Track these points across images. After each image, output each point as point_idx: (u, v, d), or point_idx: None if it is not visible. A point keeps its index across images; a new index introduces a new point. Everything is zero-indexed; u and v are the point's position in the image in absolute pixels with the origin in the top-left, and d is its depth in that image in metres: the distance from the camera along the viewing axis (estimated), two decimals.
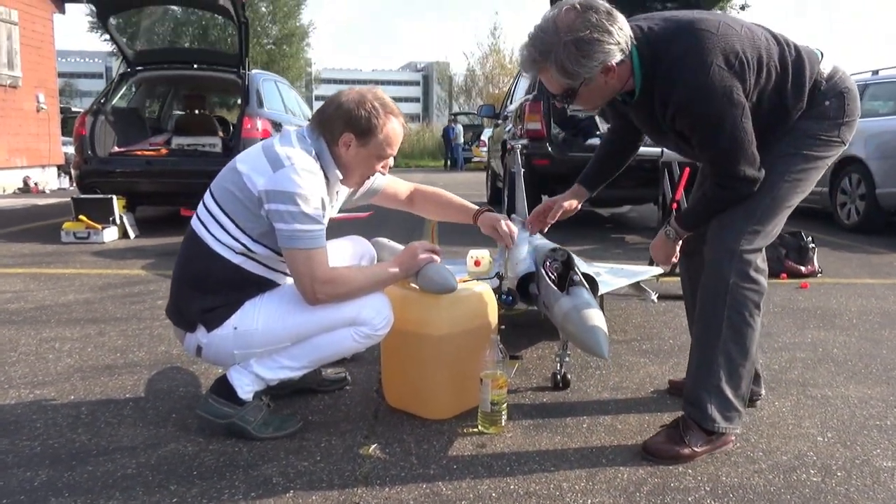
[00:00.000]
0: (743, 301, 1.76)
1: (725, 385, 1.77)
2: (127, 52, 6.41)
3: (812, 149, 1.80)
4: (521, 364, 2.53)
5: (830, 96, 1.80)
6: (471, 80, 33.07)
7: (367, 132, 1.82)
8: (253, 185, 1.74)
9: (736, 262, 1.75)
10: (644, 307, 3.46)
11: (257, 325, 1.80)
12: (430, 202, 2.29)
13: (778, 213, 1.80)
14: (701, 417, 1.79)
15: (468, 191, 11.61)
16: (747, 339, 1.77)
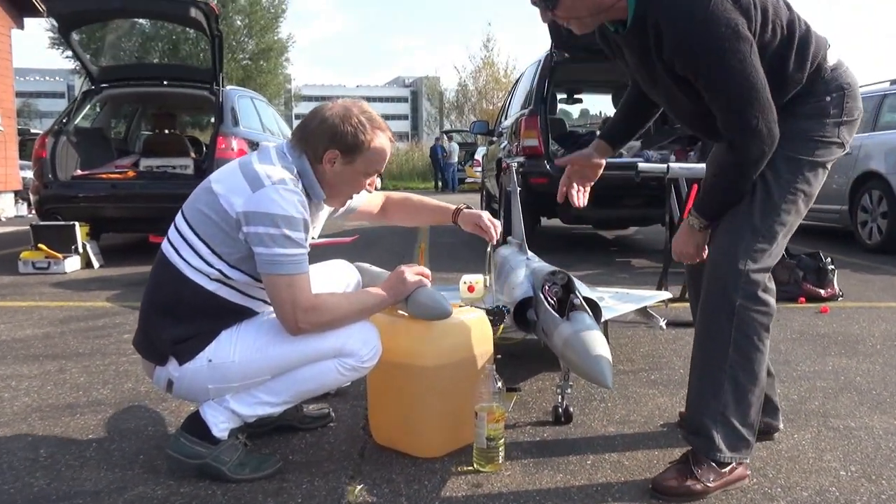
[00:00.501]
0: (751, 323, 1.78)
1: (732, 413, 1.79)
2: (91, 69, 6.47)
3: (813, 153, 1.81)
4: (520, 396, 2.54)
5: (832, 89, 1.81)
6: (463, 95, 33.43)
7: (354, 148, 1.85)
8: (230, 207, 1.76)
9: (742, 283, 1.77)
10: (652, 335, 3.49)
11: (234, 357, 1.81)
12: (403, 208, 2.35)
13: (784, 227, 1.82)
14: (705, 447, 1.80)
15: None
16: (756, 364, 1.79)
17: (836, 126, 1.83)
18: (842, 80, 1.83)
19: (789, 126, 1.79)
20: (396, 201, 2.35)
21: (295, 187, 1.78)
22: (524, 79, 7.54)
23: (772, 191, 1.79)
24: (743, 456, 1.83)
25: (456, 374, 2.00)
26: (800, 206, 1.83)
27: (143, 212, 5.88)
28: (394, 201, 2.35)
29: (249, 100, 7.18)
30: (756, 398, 1.81)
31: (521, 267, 2.74)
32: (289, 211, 1.73)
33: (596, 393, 2.61)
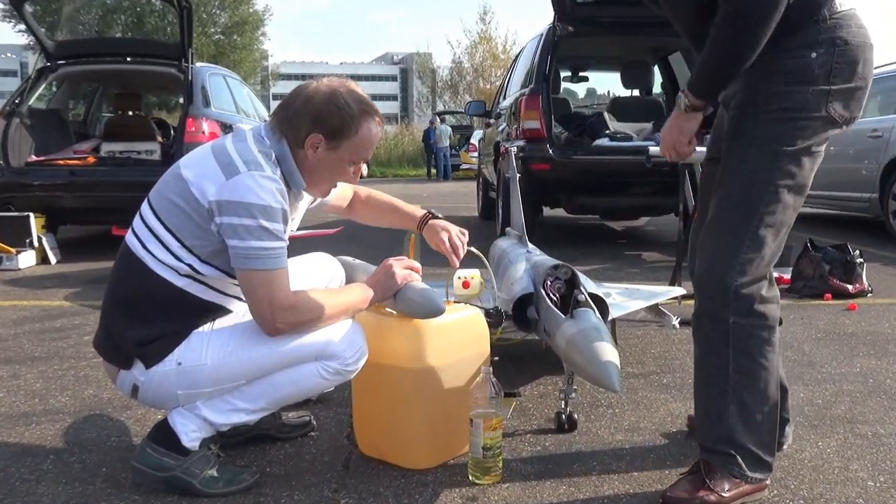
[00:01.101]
0: (749, 340, 1.77)
1: (743, 436, 1.80)
2: (46, 44, 6.43)
3: (792, 139, 1.71)
4: (519, 402, 2.55)
5: (821, 41, 1.68)
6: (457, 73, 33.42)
7: (339, 132, 1.85)
8: (202, 195, 1.75)
9: (733, 301, 1.75)
10: (664, 335, 3.50)
11: (205, 360, 1.81)
12: (368, 207, 2.36)
13: (772, 228, 1.76)
14: (722, 461, 1.81)
15: (456, 203, 11.67)
16: (761, 382, 1.79)
17: (823, 96, 1.70)
18: (837, 32, 1.69)
19: (766, 89, 1.72)
20: (362, 199, 2.35)
21: (273, 174, 1.78)
22: (525, 55, 7.54)
23: (749, 192, 1.75)
24: (762, 477, 1.84)
25: (449, 378, 2.01)
26: (787, 201, 1.75)
27: (104, 201, 5.86)
28: (359, 198, 2.35)
29: (222, 78, 7.16)
30: (768, 416, 1.82)
31: (521, 261, 2.75)
32: (266, 200, 1.73)
33: (602, 398, 2.62)
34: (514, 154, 3.75)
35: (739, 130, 1.80)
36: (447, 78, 36.23)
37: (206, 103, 6.26)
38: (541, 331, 2.32)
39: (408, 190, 15.95)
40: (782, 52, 1.72)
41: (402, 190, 15.83)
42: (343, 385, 2.04)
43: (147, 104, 9.09)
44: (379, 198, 2.36)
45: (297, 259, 2.19)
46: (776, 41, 1.69)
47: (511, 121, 6.66)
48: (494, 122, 8.14)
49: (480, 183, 9.25)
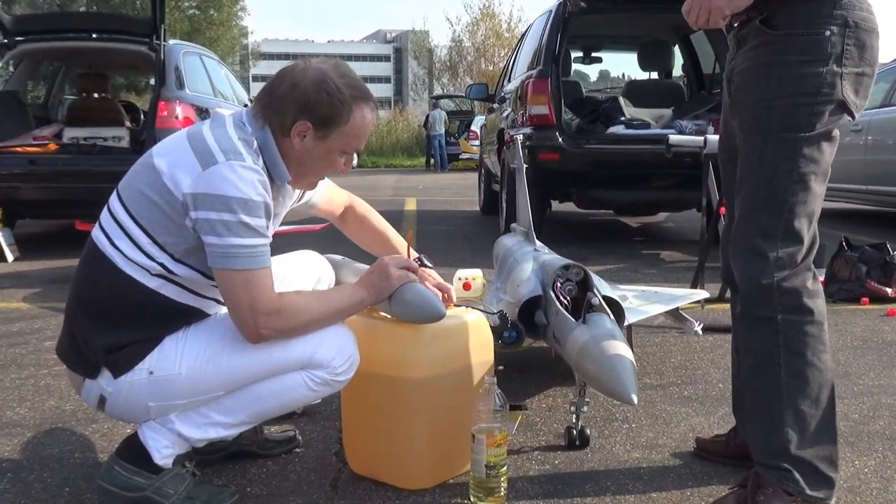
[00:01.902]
0: (798, 337, 1.80)
1: (800, 449, 1.80)
2: (3, 18, 6.42)
3: (810, 125, 1.77)
4: (526, 416, 2.55)
5: (835, 20, 1.74)
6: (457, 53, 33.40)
7: (329, 120, 1.84)
8: (175, 187, 1.75)
9: (776, 298, 1.80)
10: (685, 342, 3.50)
11: (180, 369, 1.81)
12: (359, 226, 2.35)
13: (803, 217, 1.81)
14: (779, 477, 1.81)
15: (455, 196, 11.68)
16: (815, 385, 1.81)
17: (835, 77, 1.76)
18: (851, 13, 1.76)
19: (778, 74, 1.77)
20: (357, 215, 2.33)
21: (255, 164, 1.77)
22: (532, 33, 7.54)
23: (774, 184, 1.80)
24: (824, 497, 1.83)
25: (449, 389, 2.01)
26: (815, 189, 1.81)
27: (67, 193, 5.85)
28: (355, 213, 2.33)
29: (197, 57, 7.16)
30: (826, 424, 1.83)
31: (528, 260, 2.75)
32: (247, 193, 1.73)
33: (618, 412, 2.63)
34: (520, 142, 3.74)
35: (754, 121, 1.84)
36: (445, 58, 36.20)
37: (180, 85, 6.26)
38: (550, 337, 2.32)
39: (402, 182, 15.95)
40: (796, 31, 1.77)
41: (395, 182, 15.86)
42: (331, 397, 2.04)
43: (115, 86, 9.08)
44: (373, 221, 2.33)
45: (281, 258, 2.19)
46: (788, 22, 1.76)
47: (516, 106, 6.65)
48: (498, 108, 8.13)
49: (482, 174, 9.25)
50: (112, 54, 7.03)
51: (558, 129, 5.99)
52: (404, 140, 26.65)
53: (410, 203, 10.57)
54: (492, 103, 8.78)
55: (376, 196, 11.57)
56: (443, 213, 9.38)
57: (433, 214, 9.24)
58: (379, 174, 18.99)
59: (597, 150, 6.18)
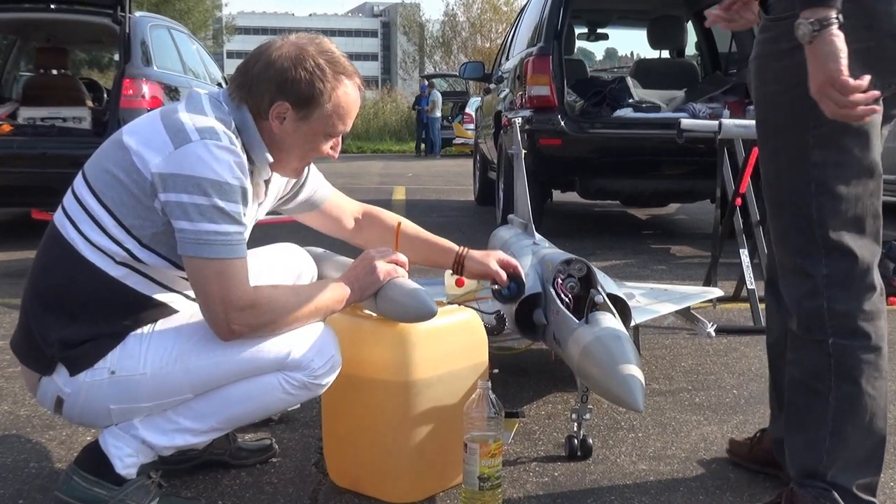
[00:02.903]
0: (851, 363, 1.76)
1: (841, 475, 1.79)
2: None
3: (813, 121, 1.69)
4: (523, 423, 2.56)
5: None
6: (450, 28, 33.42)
7: (309, 101, 1.84)
8: (145, 166, 1.75)
9: (827, 321, 1.76)
10: (696, 344, 3.52)
11: (145, 369, 1.81)
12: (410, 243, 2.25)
13: (843, 232, 1.74)
14: (817, 496, 1.80)
15: (448, 184, 11.68)
16: (867, 413, 1.79)
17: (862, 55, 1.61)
18: None
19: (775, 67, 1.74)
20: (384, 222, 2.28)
21: (232, 144, 1.77)
22: (532, 7, 7.54)
23: (795, 201, 1.75)
24: None
25: (440, 394, 2.01)
26: (843, 192, 1.73)
27: (22, 179, 5.82)
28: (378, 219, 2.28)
29: (166, 31, 7.12)
30: (873, 454, 1.82)
31: (527, 254, 2.75)
32: (222, 174, 1.73)
33: (623, 419, 2.64)
34: (519, 126, 3.74)
35: (763, 124, 1.81)
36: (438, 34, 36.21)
37: (147, 61, 6.23)
38: (550, 338, 2.32)
39: (389, 169, 15.95)
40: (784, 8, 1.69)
41: (382, 169, 15.85)
42: (311, 402, 2.04)
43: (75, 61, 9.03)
44: (418, 231, 2.29)
45: (258, 250, 2.18)
46: None
47: (515, 86, 6.66)
48: (495, 88, 8.13)
49: (478, 161, 9.26)
50: (72, 27, 6.99)
51: (560, 112, 5.99)
52: (392, 123, 26.63)
53: (399, 192, 10.57)
54: (488, 83, 8.77)
55: (361, 184, 11.57)
56: (434, 203, 9.38)
57: (423, 204, 9.24)
58: (364, 160, 18.99)
59: (602, 136, 6.18)
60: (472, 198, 9.46)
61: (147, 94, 5.91)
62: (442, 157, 20.37)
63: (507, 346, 3.03)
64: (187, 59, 7.32)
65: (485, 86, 9.36)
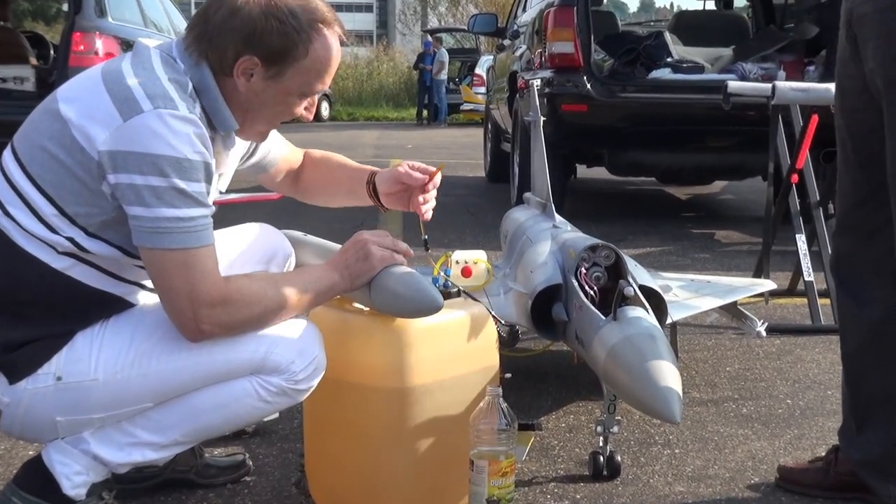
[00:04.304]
0: None
1: None
2: None
3: None
4: (539, 437, 2.56)
5: None
6: None
7: (282, 54, 1.83)
8: (89, 142, 1.73)
9: None
10: (744, 346, 3.52)
11: (96, 374, 1.81)
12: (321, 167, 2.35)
13: None
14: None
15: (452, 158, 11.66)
16: None
17: None
18: None
19: None
20: (314, 158, 2.36)
21: (191, 113, 1.76)
22: None
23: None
24: None
25: (442, 402, 2.01)
26: None
27: None
28: (312, 158, 2.36)
29: None
30: None
31: (546, 239, 2.74)
32: (181, 150, 1.72)
33: (657, 433, 2.64)
34: (538, 89, 3.73)
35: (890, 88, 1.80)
36: None
37: (101, 12, 6.22)
38: (572, 338, 2.32)
39: (386, 139, 15.95)
40: None
41: (377, 139, 15.85)
42: (291, 412, 2.04)
43: (17, 12, 9.01)
44: (336, 157, 2.36)
45: (225, 232, 2.18)
46: None
47: (533, 42, 6.64)
48: (510, 45, 8.11)
49: (489, 130, 9.24)
50: None
51: (586, 73, 5.97)
52: (389, 86, 26.62)
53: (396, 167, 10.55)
54: (502, 39, 8.76)
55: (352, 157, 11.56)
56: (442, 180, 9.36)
57: None
58: (356, 129, 18.99)
59: (635, 101, 6.17)
60: (482, 173, 9.46)
61: (101, 51, 5.90)
62: (448, 126, 20.36)
63: (522, 346, 3.03)
64: (148, 9, 7.31)
65: (498, 42, 9.34)
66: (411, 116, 22.61)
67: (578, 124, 6.01)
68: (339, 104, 24.16)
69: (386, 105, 25.21)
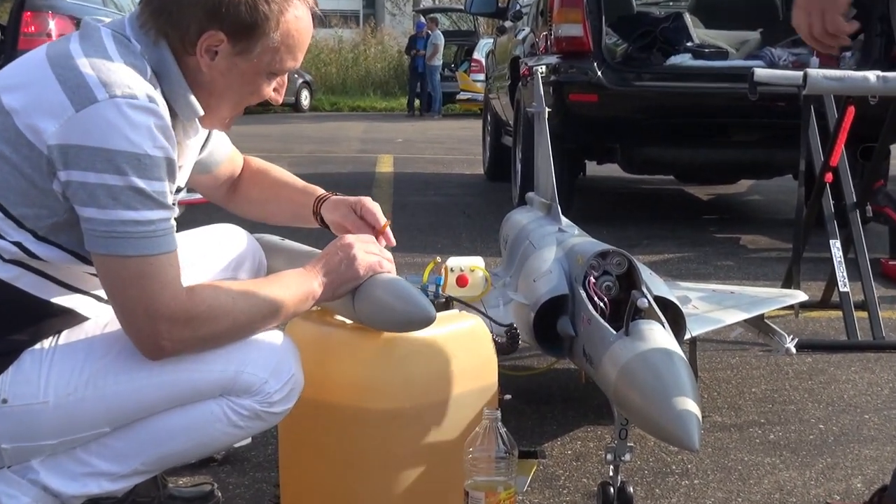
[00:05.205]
0: None
1: None
2: None
3: None
4: (543, 466, 2.56)
5: None
6: None
7: (251, 30, 1.82)
8: (36, 135, 1.72)
9: None
10: (772, 364, 3.52)
11: (46, 396, 1.80)
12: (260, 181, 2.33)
13: None
14: None
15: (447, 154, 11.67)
16: None
17: None
18: None
19: None
20: (255, 169, 2.34)
21: (151, 102, 1.75)
22: None
23: None
24: None
25: (434, 427, 2.01)
26: None
27: None
28: (252, 168, 2.34)
29: None
30: None
31: (550, 244, 2.74)
32: (140, 144, 1.71)
33: (674, 461, 2.64)
34: (543, 77, 3.73)
35: None
36: None
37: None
38: (579, 355, 2.32)
39: (373, 132, 15.94)
40: None
41: (363, 132, 15.84)
42: (265, 437, 2.04)
43: None
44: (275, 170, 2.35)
45: (188, 235, 2.17)
46: None
47: (538, 24, 6.65)
48: (511, 27, 8.12)
49: (488, 122, 9.25)
50: None
51: (597, 59, 5.98)
52: (378, 72, 26.62)
53: (385, 163, 10.57)
54: (503, 20, 8.77)
55: (335, 152, 11.59)
56: (431, 178, 9.39)
57: (417, 179, 9.24)
58: (340, 121, 18.99)
59: (651, 90, 6.17)
60: (480, 170, 9.46)
61: (54, 32, 5.91)
62: (442, 118, 20.37)
63: (524, 364, 3.04)
64: None
65: (498, 23, 9.34)
66: (402, 107, 22.62)
67: (588, 116, 6.01)
68: (321, 93, 24.17)
69: (373, 94, 25.20)
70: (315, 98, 22.93)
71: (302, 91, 21.76)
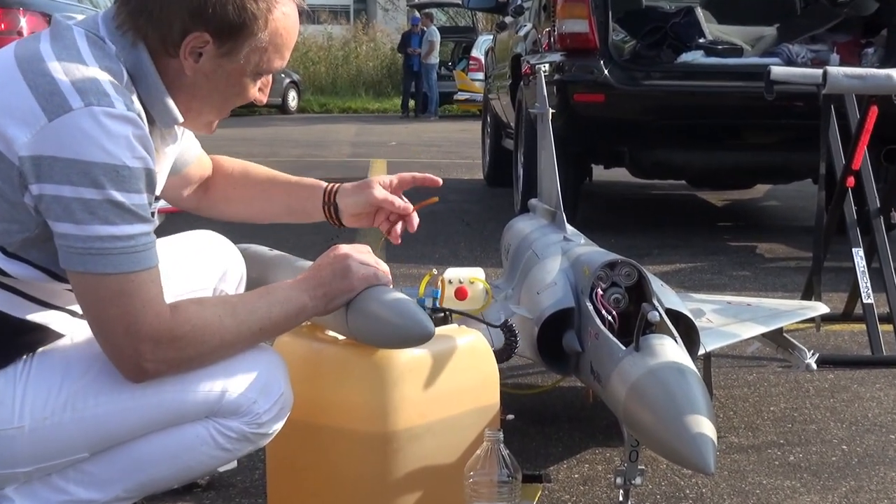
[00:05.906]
0: None
1: None
2: None
3: None
4: (548, 490, 2.56)
5: None
6: None
7: (238, 30, 1.82)
8: (7, 146, 1.71)
9: None
10: (791, 381, 3.52)
11: (21, 420, 1.80)
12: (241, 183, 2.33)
13: None
14: None
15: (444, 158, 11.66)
16: None
17: None
18: None
19: None
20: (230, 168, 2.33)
21: (128, 110, 1.75)
22: None
23: None
24: None
25: (431, 449, 2.02)
26: None
27: None
28: (225, 167, 2.33)
29: None
30: None
31: (555, 254, 2.75)
32: (118, 155, 1.70)
33: (688, 485, 2.64)
34: (546, 76, 3.74)
35: None
36: None
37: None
38: (586, 372, 2.32)
39: (365, 134, 15.94)
40: None
41: (355, 135, 15.84)
42: (252, 459, 2.04)
43: None
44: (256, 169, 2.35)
45: (166, 243, 2.16)
46: None
47: (541, 20, 6.66)
48: (512, 23, 8.13)
49: (488, 124, 9.25)
50: None
51: (603, 57, 6.00)
52: (370, 71, 26.62)
53: (378, 168, 10.57)
54: (503, 16, 8.78)
55: (324, 156, 11.56)
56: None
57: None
58: (330, 122, 18.98)
59: (662, 89, 6.18)
60: (480, 175, 9.46)
61: (25, 30, 5.91)
62: (439, 119, 20.37)
63: (527, 382, 3.04)
64: None
65: (498, 19, 9.35)
66: (395, 108, 22.61)
67: (594, 117, 6.02)
68: (310, 93, 24.19)
69: (365, 94, 25.21)
70: (303, 99, 22.94)
71: (289, 91, 21.76)
